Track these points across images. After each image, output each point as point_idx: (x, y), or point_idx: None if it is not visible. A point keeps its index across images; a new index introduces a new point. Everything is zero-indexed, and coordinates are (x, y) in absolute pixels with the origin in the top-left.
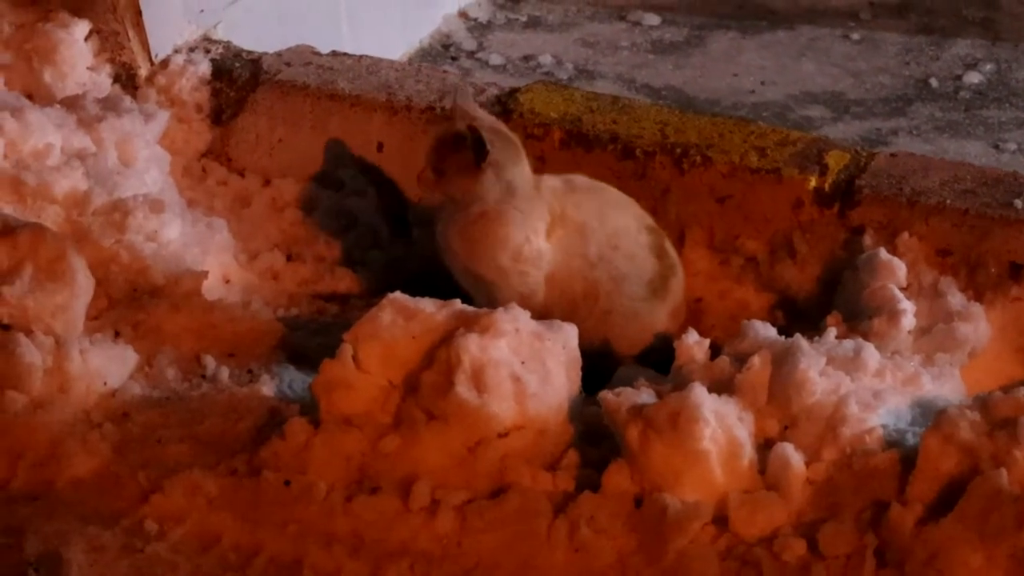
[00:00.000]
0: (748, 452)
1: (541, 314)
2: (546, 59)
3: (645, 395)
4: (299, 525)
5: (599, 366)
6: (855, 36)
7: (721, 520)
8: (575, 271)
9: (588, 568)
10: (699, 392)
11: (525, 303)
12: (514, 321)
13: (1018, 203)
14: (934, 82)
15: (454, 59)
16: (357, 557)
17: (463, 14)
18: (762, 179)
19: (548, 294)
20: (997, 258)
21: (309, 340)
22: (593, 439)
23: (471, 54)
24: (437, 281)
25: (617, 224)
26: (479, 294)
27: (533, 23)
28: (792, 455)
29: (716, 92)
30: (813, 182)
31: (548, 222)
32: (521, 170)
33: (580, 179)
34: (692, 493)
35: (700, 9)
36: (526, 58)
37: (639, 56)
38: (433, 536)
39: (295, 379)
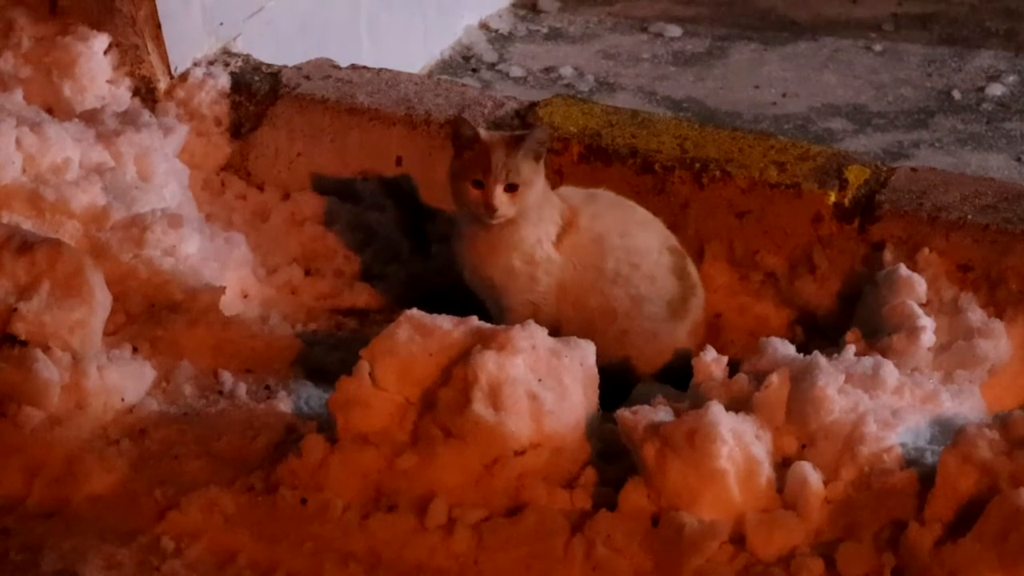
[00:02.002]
0: (766, 471)
1: (552, 329)
2: (567, 71)
3: (662, 413)
4: (316, 542)
5: (617, 383)
6: (877, 47)
7: (738, 539)
8: (589, 284)
9: None
10: (716, 411)
11: (533, 314)
12: (531, 338)
13: None
14: (957, 94)
15: (475, 71)
16: (374, 575)
17: (484, 25)
18: (782, 194)
19: (562, 308)
20: (1018, 274)
21: (327, 355)
22: (610, 457)
23: (492, 66)
24: (456, 295)
25: (638, 243)
26: (490, 301)
27: (554, 35)
28: (810, 474)
29: (738, 104)
30: (833, 197)
31: (559, 227)
32: None
33: (604, 193)
34: (709, 512)
35: (722, 20)
36: (547, 70)
37: (660, 68)
38: (450, 554)
39: (312, 395)
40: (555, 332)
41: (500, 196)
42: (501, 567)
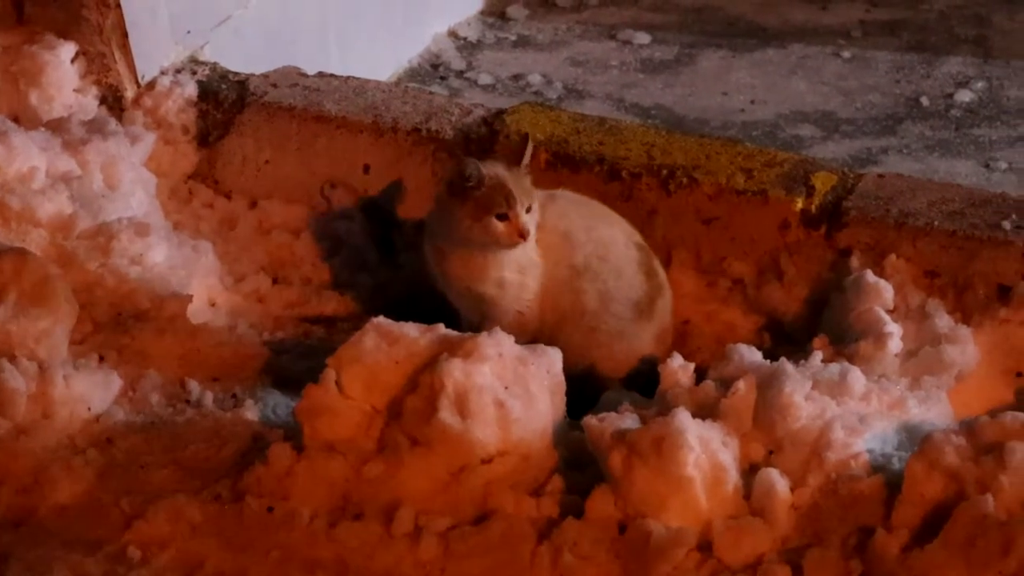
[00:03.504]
0: (733, 477)
1: (533, 338)
2: (535, 78)
3: (629, 420)
4: (282, 551)
5: (585, 390)
6: (846, 54)
7: (705, 546)
8: (562, 281)
9: None
10: (683, 417)
11: (519, 323)
12: (497, 346)
13: (1006, 224)
14: (925, 100)
15: (443, 79)
16: None
17: (452, 33)
18: (749, 201)
19: (541, 313)
20: (985, 280)
21: (295, 364)
22: (578, 464)
23: (460, 73)
24: (424, 303)
25: (604, 235)
26: (474, 313)
27: (523, 42)
28: (777, 480)
29: (706, 111)
30: (800, 203)
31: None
32: None
33: (564, 192)
34: (676, 519)
35: (690, 28)
36: (515, 77)
37: (629, 75)
38: (416, 562)
39: (279, 404)
40: (536, 341)
41: (528, 220)
42: (468, 574)
